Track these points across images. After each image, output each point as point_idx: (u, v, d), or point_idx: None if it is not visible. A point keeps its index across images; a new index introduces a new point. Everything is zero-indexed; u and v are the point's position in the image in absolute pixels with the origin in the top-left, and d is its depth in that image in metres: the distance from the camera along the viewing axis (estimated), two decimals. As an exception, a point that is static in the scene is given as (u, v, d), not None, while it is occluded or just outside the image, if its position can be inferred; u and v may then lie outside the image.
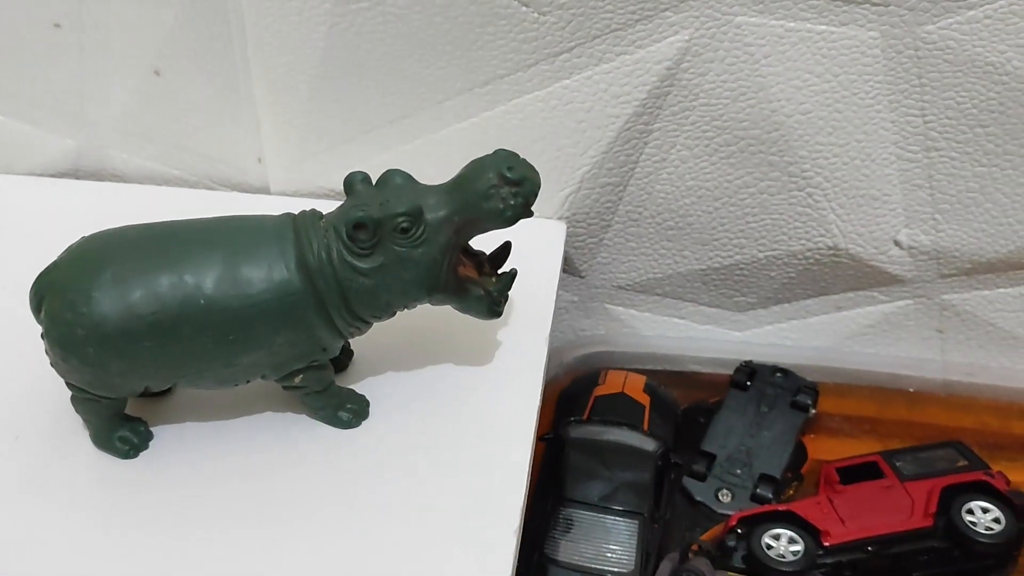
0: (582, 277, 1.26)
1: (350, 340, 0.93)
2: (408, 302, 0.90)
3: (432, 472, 0.91)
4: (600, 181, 1.15)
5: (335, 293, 0.86)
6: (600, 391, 1.19)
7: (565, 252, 1.22)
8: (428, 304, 0.92)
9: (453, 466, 0.91)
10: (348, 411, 0.94)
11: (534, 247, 1.13)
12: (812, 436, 1.24)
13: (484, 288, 0.92)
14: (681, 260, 1.22)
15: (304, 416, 0.95)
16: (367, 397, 0.96)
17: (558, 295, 1.24)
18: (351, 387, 0.96)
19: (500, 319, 1.03)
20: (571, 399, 1.20)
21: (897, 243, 1.17)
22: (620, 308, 1.29)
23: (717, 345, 1.28)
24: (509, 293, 0.95)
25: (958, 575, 1.08)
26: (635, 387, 1.20)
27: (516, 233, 1.13)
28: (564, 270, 1.25)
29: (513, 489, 0.89)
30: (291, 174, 1.20)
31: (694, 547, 1.05)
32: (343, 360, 0.99)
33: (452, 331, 1.03)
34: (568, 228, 1.19)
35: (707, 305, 1.27)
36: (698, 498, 1.14)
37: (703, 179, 1.15)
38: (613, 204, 1.18)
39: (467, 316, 0.95)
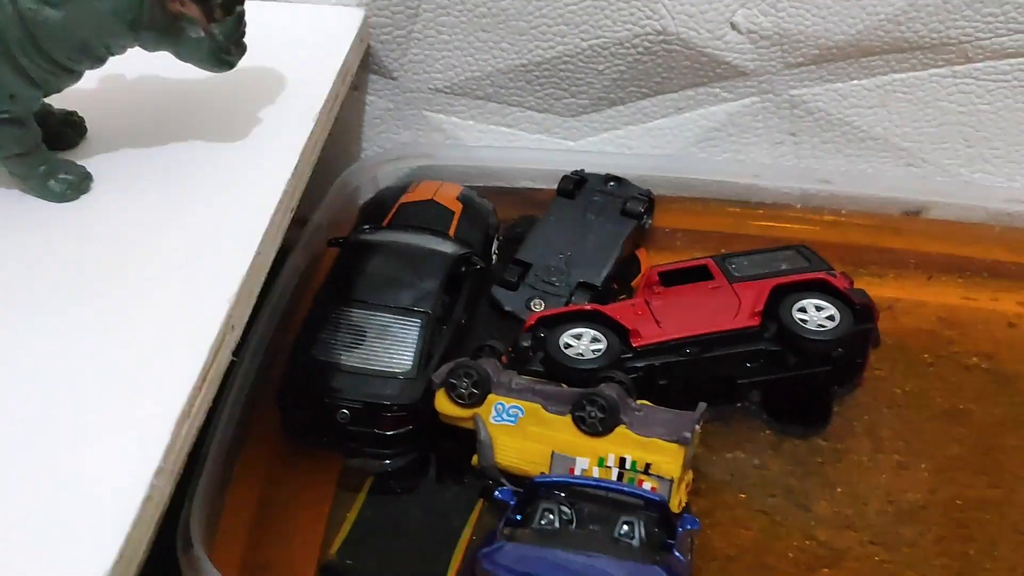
0: (394, 79, 1.13)
1: (57, 94, 0.81)
2: (110, 41, 0.77)
3: (152, 250, 0.79)
4: (399, -42, 1.03)
5: (17, 28, 0.74)
6: (407, 199, 1.07)
7: (372, 49, 1.10)
8: (140, 48, 0.79)
9: (175, 245, 0.79)
10: (61, 182, 0.82)
11: (323, 36, 1.01)
12: (653, 252, 1.12)
13: (206, 30, 0.79)
14: (500, 54, 1.09)
15: (16, 190, 0.83)
16: (91, 172, 0.84)
17: (370, 102, 1.13)
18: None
19: (269, 101, 0.92)
20: (374, 207, 1.08)
21: (734, 26, 1.05)
22: (441, 116, 1.16)
23: (549, 155, 1.16)
24: (246, 43, 0.82)
25: (794, 385, 0.96)
26: (448, 195, 1.08)
27: (305, 22, 1.01)
28: (373, 71, 1.13)
29: (235, 265, 0.77)
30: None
31: (503, 359, 0.93)
32: (70, 135, 0.87)
33: (208, 111, 0.92)
34: (369, 17, 1.07)
35: (535, 110, 1.14)
36: (507, 308, 1.02)
37: (512, -48, 1.02)
38: (417, -13, 1.05)
39: (229, 95, 0.86)
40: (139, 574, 0.62)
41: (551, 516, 0.76)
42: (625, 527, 0.74)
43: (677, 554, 0.74)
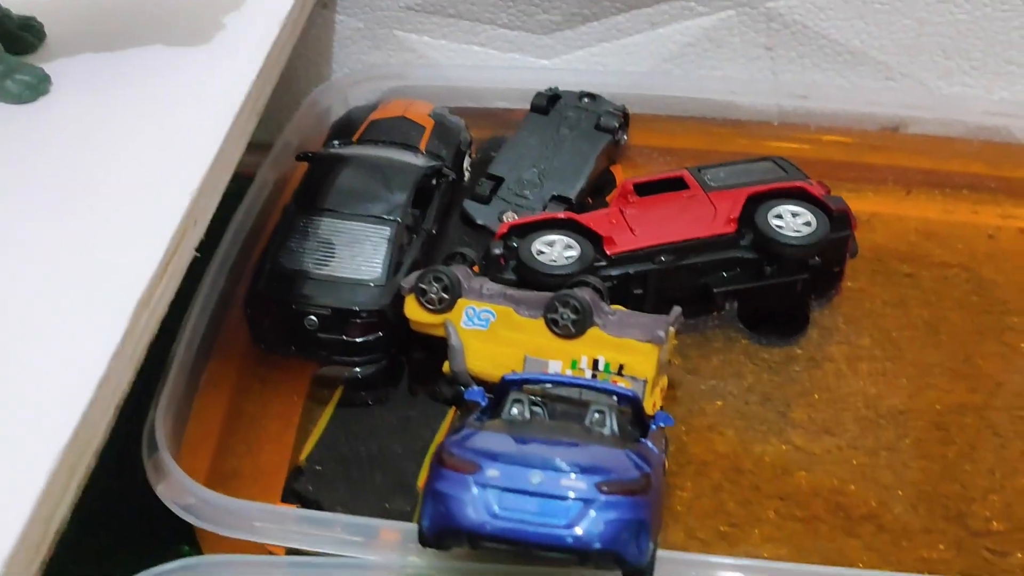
0: (365, -4, 1.11)
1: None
2: None
3: (113, 147, 0.77)
4: None
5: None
6: (377, 115, 1.06)
7: (341, -36, 1.08)
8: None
9: (137, 143, 0.77)
10: (18, 83, 0.80)
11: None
12: (628, 170, 1.10)
13: None
14: (469, -33, 1.08)
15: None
16: (50, 75, 0.82)
17: (340, 22, 1.12)
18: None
19: (233, 8, 0.90)
20: (344, 125, 1.06)
21: (708, -66, 1.03)
22: (412, 35, 1.14)
23: (523, 74, 1.14)
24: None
25: (771, 294, 0.95)
26: (419, 112, 1.06)
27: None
28: (343, -11, 1.11)
29: (198, 161, 0.75)
30: None
31: (475, 268, 0.92)
32: (29, 40, 0.86)
33: (170, 17, 0.90)
34: (337, -71, 1.05)
35: (507, 27, 1.13)
36: (479, 221, 1.01)
37: None
38: None
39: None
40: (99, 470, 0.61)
41: (521, 407, 0.74)
42: (596, 415, 0.73)
43: (650, 444, 0.72)
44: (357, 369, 0.90)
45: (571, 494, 0.62)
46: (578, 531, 0.62)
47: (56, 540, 0.57)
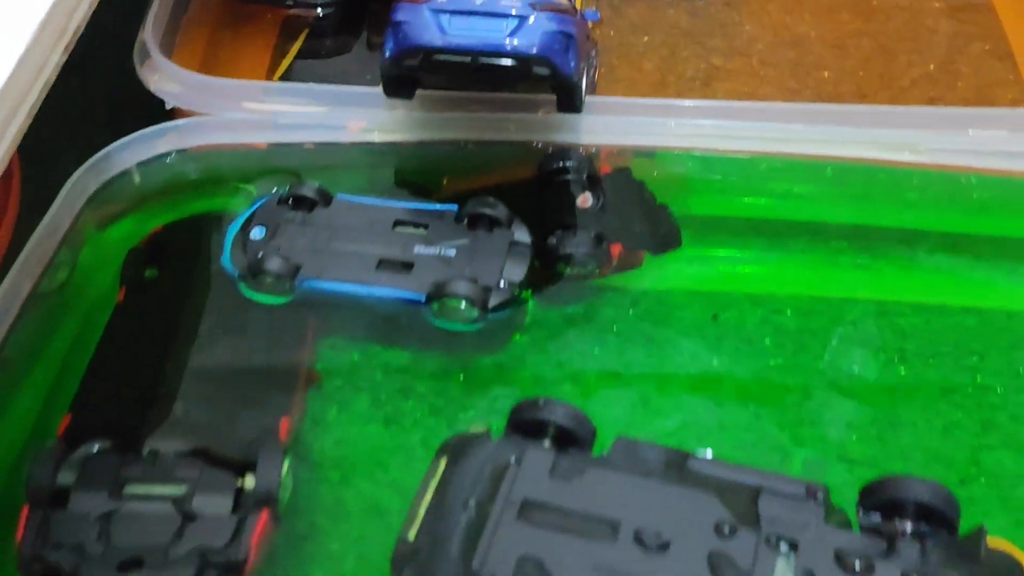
0: None
1: None
2: None
3: None
4: None
5: None
6: None
7: None
8: None
9: None
10: None
11: None
12: None
13: None
14: None
15: None
16: None
17: None
18: None
19: None
20: None
21: None
22: None
23: None
24: None
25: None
26: None
27: None
28: None
29: None
30: None
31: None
32: None
33: None
34: None
35: None
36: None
37: None
38: None
39: None
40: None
41: None
42: None
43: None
44: (319, 10, 0.99)
45: (512, 11, 0.74)
46: (516, 41, 0.73)
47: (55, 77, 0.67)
